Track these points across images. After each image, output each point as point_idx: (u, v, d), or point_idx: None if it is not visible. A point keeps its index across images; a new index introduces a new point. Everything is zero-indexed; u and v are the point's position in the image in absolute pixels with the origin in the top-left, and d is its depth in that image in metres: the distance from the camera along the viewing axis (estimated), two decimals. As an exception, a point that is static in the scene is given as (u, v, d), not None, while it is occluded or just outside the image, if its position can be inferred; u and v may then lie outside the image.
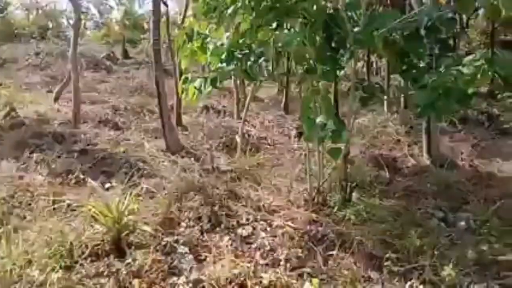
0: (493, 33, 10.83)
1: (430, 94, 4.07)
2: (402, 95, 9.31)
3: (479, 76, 3.88)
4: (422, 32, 4.38)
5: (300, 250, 3.78)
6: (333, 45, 4.45)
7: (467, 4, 4.04)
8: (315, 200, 4.83)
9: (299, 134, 8.01)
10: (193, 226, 4.08)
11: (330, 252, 3.79)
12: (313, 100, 4.97)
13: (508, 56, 4.05)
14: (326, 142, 4.68)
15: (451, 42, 10.31)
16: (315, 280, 3.14)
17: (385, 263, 3.45)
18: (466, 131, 8.35)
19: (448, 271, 3.22)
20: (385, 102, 9.80)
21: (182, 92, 4.98)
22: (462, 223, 4.50)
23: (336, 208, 4.66)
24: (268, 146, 7.91)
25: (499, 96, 10.57)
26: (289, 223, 4.31)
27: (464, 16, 13.08)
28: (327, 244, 3.91)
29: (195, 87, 4.78)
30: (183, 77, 5.05)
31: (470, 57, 4.06)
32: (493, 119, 9.15)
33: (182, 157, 6.45)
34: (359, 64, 12.79)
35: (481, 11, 11.42)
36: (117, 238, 3.68)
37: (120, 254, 3.57)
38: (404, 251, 3.71)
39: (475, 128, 8.66)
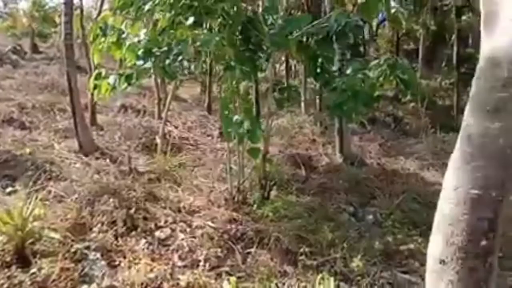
0: (398, 42, 11.79)
1: (339, 96, 4.30)
2: (318, 97, 9.78)
3: (381, 79, 4.19)
4: (333, 37, 4.61)
5: (219, 250, 3.77)
6: (251, 46, 4.51)
7: (370, 11, 4.34)
8: (236, 199, 4.85)
9: (222, 134, 8.00)
10: (107, 231, 3.86)
11: (249, 250, 3.83)
12: (233, 100, 5.01)
13: (408, 63, 4.46)
14: (246, 142, 4.73)
15: (361, 48, 11.04)
16: (233, 279, 3.15)
17: (300, 258, 3.57)
18: (375, 132, 8.97)
19: (356, 262, 3.43)
20: (303, 104, 10.19)
21: (94, 88, 4.69)
22: (370, 216, 4.83)
23: (255, 206, 4.72)
24: (190, 147, 7.78)
25: (402, 100, 11.54)
26: (209, 223, 4.27)
27: (374, 25, 14.12)
28: (246, 242, 3.95)
29: (109, 84, 4.54)
30: (95, 72, 4.76)
31: (375, 62, 4.38)
32: (397, 121, 9.97)
33: (97, 158, 6.08)
34: (281, 67, 13.20)
35: (386, 22, 12.41)
36: (21, 246, 3.36)
37: (25, 264, 3.26)
38: (317, 245, 3.87)
39: (382, 129, 9.35)
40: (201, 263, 3.50)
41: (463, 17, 11.57)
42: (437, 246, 1.88)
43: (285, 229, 4.15)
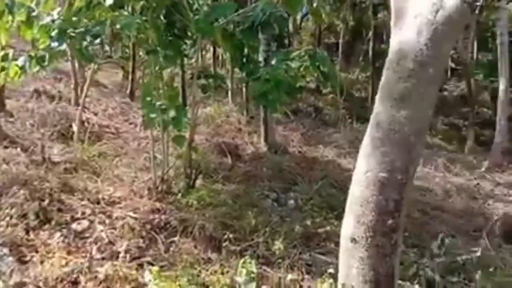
0: (320, 35, 12.25)
1: (263, 86, 4.36)
2: (244, 86, 9.84)
3: (302, 70, 4.32)
4: (257, 27, 4.63)
5: (141, 240, 3.64)
6: (175, 31, 4.38)
7: (294, 4, 4.44)
8: (159, 188, 4.71)
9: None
10: (16, 225, 3.54)
11: (172, 239, 3.75)
12: (157, 87, 4.83)
13: (327, 56, 4.64)
14: (172, 130, 4.61)
15: (286, 40, 11.27)
16: (155, 268, 3.07)
17: (224, 244, 3.59)
18: (297, 122, 9.28)
19: (278, 245, 3.53)
20: (230, 93, 10.18)
21: (2, 70, 4.25)
22: (292, 202, 5.00)
23: (180, 195, 4.63)
24: (111, 135, 7.39)
25: (323, 91, 12.06)
26: (131, 213, 4.11)
27: (298, 18, 14.51)
28: (169, 231, 3.87)
29: (18, 66, 4.13)
30: (2, 53, 4.30)
31: (297, 52, 4.50)
32: (318, 112, 10.41)
33: (5, 147, 5.52)
34: (208, 55, 13.05)
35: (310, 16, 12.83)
36: None
37: None
38: (241, 231, 3.92)
39: (304, 119, 9.70)
40: (121, 255, 3.36)
41: (379, 15, 12.34)
42: (349, 226, 2.00)
43: (209, 216, 4.13)
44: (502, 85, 8.75)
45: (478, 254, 3.68)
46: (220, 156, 6.67)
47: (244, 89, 9.72)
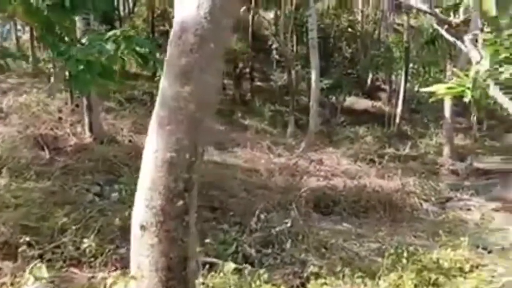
0: (153, 22, 11.78)
1: (73, 66, 3.84)
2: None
3: (119, 52, 3.94)
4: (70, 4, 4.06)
5: None
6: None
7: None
8: None
9: None
10: None
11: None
12: None
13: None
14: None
15: (117, 24, 10.45)
16: None
17: (21, 249, 3.02)
18: (130, 110, 8.72)
19: (88, 242, 3.14)
20: (52, 78, 8.95)
21: None
22: (115, 194, 4.61)
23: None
24: None
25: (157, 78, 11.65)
26: None
27: (130, 3, 13.64)
28: None
29: None
30: None
31: (111, 33, 4.08)
32: (154, 99, 9.99)
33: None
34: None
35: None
36: None
37: None
38: (47, 232, 3.38)
39: (139, 107, 9.17)
40: None
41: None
42: (139, 213, 1.81)
43: (7, 220, 3.45)
44: (313, 75, 9.79)
45: (289, 225, 3.97)
46: (36, 149, 5.79)
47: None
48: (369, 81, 14.89)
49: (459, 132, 10.88)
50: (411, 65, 12.20)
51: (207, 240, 3.79)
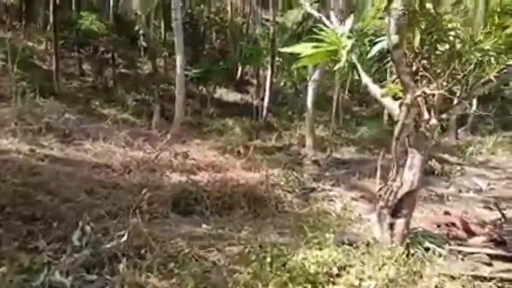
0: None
1: None
2: None
3: None
4: None
5: None
6: None
7: None
8: None
9: None
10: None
11: None
12: None
13: None
14: None
15: None
16: None
17: None
18: None
19: None
20: None
21: None
22: None
23: None
24: None
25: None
26: None
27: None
28: None
29: None
30: None
31: None
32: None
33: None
34: None
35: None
36: None
37: None
38: None
39: None
40: None
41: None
42: None
43: None
44: (178, 61, 8.72)
45: (125, 238, 2.93)
46: None
47: None
48: (239, 74, 14.52)
49: (320, 124, 11.11)
50: (277, 58, 12.08)
51: (1, 269, 2.53)
